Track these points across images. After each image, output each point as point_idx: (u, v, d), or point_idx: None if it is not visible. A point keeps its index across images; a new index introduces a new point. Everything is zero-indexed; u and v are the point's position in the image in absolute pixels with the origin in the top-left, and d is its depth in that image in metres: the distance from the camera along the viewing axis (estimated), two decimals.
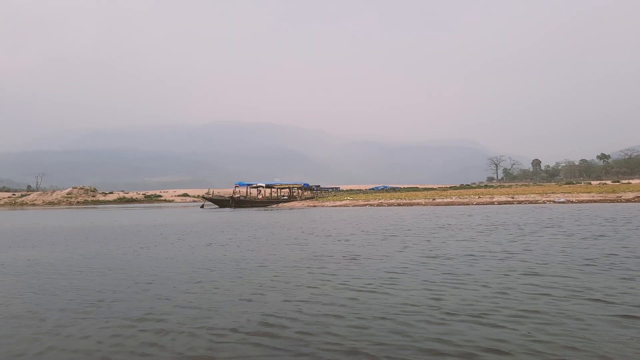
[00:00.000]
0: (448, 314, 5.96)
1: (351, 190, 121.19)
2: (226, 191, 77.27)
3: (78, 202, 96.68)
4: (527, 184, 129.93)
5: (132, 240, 16.88)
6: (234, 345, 5.09)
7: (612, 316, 5.66)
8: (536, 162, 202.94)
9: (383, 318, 5.89)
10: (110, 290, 7.97)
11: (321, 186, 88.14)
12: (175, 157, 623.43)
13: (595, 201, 35.03)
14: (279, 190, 63.79)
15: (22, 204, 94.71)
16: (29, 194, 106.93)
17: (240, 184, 56.79)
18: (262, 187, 58.71)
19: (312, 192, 75.22)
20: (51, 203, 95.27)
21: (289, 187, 63.86)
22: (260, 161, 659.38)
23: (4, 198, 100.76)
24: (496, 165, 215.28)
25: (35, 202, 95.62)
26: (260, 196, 58.52)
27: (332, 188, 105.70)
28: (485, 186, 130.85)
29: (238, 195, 53.07)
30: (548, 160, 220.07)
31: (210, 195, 56.94)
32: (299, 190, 64.83)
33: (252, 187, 57.84)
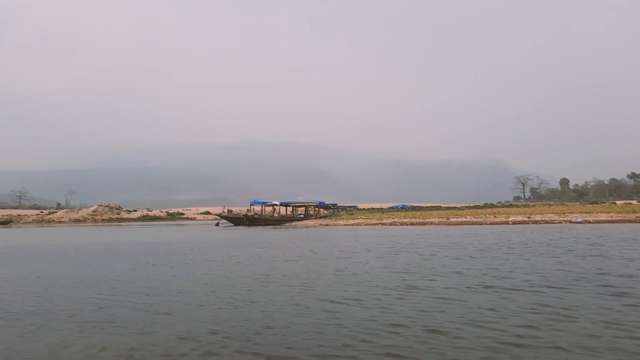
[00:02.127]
0: (394, 325, 6.24)
1: (372, 209, 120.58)
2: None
3: (103, 220, 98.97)
4: (550, 203, 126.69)
5: (129, 256, 17.43)
6: (160, 342, 5.50)
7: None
8: (564, 181, 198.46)
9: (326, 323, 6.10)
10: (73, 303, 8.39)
11: (338, 205, 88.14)
12: (200, 176, 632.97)
13: (613, 221, 34.00)
14: (294, 208, 64.01)
15: (49, 221, 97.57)
16: (56, 212, 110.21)
17: (255, 202, 57.23)
18: (277, 205, 59.11)
19: (329, 210, 75.28)
20: (77, 220, 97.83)
21: (304, 206, 64.01)
22: (284, 179, 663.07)
23: (32, 215, 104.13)
24: (523, 184, 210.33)
25: (62, 220, 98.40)
26: (276, 214, 58.87)
27: (350, 207, 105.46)
28: (510, 205, 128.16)
29: (252, 214, 53.51)
30: (577, 180, 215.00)
31: (225, 214, 57.61)
32: (315, 209, 64.88)
33: (267, 206, 58.30)
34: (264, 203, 57.41)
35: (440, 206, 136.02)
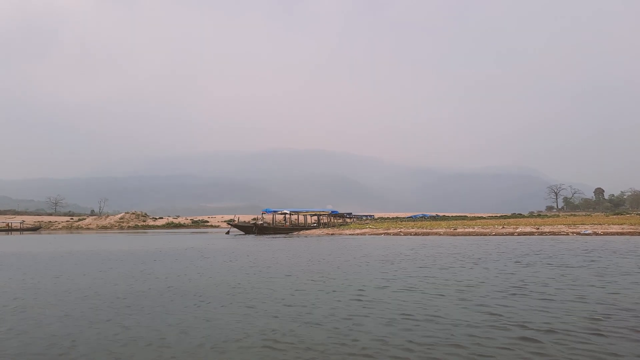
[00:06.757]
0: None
1: (395, 218, 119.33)
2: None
3: (129, 227, 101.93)
4: (576, 214, 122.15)
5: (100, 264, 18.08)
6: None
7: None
8: (599, 191, 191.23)
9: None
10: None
11: (353, 214, 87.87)
12: (231, 184, 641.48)
13: (623, 233, 32.56)
14: (306, 216, 64.11)
15: (77, 227, 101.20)
16: (84, 218, 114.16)
17: (267, 211, 57.92)
18: (287, 213, 59.51)
19: (343, 219, 75.01)
20: (104, 227, 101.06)
21: (317, 215, 64.06)
22: (313, 187, 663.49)
23: (62, 222, 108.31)
24: (556, 194, 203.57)
25: (90, 226, 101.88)
26: (288, 222, 59.20)
27: (366, 216, 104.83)
28: (538, 215, 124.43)
29: (262, 222, 54.09)
30: (613, 190, 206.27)
31: (236, 222, 58.39)
32: (328, 218, 64.80)
33: (278, 214, 58.77)
34: (275, 211, 57.95)
35: (466, 216, 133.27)
